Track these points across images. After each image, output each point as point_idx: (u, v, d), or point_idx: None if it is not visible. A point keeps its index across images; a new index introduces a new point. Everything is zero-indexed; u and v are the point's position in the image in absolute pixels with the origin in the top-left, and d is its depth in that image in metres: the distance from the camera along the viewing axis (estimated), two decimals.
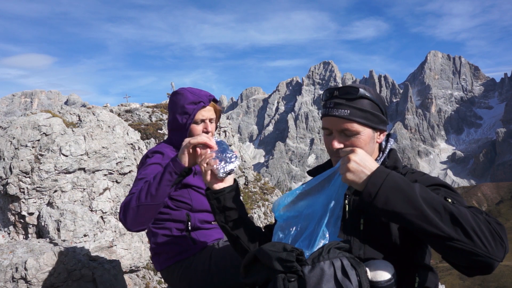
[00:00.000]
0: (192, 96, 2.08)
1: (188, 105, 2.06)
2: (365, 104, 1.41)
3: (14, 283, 2.67)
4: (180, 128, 2.10)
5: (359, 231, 1.34)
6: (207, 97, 2.12)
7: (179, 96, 2.12)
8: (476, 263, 1.07)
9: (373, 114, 1.42)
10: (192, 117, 2.07)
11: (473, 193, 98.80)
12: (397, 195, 1.12)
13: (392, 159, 1.51)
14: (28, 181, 3.92)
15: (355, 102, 1.40)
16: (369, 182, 1.15)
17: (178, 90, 2.16)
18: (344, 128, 1.40)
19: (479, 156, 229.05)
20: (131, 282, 4.43)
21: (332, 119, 1.41)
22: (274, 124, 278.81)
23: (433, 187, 1.34)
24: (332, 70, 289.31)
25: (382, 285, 1.14)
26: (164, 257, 2.07)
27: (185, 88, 2.16)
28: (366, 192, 1.15)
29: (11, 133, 4.07)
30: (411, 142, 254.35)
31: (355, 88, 1.41)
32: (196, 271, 2.00)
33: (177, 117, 2.09)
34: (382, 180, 1.14)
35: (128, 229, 1.70)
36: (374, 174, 1.16)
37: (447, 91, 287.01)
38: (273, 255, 1.15)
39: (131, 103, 14.02)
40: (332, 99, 1.43)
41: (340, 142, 1.41)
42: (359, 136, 1.40)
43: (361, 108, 1.40)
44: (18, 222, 4.00)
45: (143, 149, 5.75)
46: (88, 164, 4.36)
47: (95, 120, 4.86)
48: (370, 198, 1.14)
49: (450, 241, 1.07)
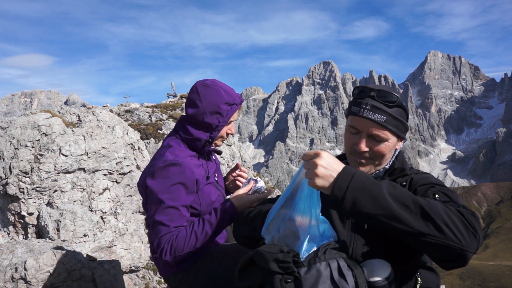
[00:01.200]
0: (227, 96, 1.92)
1: (223, 106, 1.90)
2: (399, 112, 1.40)
3: (13, 283, 2.67)
4: (207, 127, 1.93)
5: (363, 229, 1.34)
6: (239, 99, 1.99)
7: (211, 91, 1.91)
8: (450, 256, 1.07)
9: (403, 123, 1.42)
10: (226, 119, 1.94)
11: (473, 193, 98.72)
12: (364, 196, 1.10)
13: (400, 160, 1.51)
14: (28, 181, 3.92)
15: (393, 110, 1.38)
16: (335, 186, 1.13)
17: (210, 84, 1.94)
18: (375, 134, 1.37)
19: (479, 156, 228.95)
20: (131, 282, 4.44)
21: (365, 121, 1.38)
22: (274, 124, 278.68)
23: (426, 185, 1.34)
24: (332, 70, 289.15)
25: (379, 284, 1.14)
26: (162, 264, 1.98)
27: (218, 83, 1.96)
28: (333, 196, 1.13)
29: (10, 133, 4.07)
30: (411, 142, 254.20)
31: (395, 95, 1.38)
32: (196, 278, 1.94)
33: (207, 115, 1.90)
34: (347, 183, 1.12)
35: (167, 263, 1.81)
36: (339, 177, 1.13)
37: (447, 91, 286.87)
38: (269, 257, 1.15)
39: (131, 103, 14.03)
40: (368, 100, 1.38)
41: (367, 145, 1.39)
42: (386, 143, 1.39)
43: (396, 116, 1.38)
44: (17, 222, 4.00)
45: (143, 149, 5.75)
46: (88, 164, 4.36)
47: (95, 120, 4.86)
48: (337, 202, 1.13)
49: (422, 237, 1.06)
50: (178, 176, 1.79)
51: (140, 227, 4.84)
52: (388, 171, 1.49)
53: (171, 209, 1.77)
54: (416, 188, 1.37)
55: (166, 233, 1.75)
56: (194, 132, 1.93)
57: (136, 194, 5.13)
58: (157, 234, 1.77)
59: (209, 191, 2.00)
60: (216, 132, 1.95)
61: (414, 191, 1.36)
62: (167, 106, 12.33)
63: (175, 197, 1.78)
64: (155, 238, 1.78)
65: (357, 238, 1.33)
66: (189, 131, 1.94)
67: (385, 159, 1.45)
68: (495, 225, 79.22)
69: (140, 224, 4.94)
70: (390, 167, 1.49)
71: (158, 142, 9.82)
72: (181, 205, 1.80)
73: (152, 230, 1.81)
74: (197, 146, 1.96)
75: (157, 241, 1.77)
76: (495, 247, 60.82)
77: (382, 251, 1.28)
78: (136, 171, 5.14)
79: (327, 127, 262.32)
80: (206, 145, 1.97)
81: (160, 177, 1.79)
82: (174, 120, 10.90)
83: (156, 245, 1.77)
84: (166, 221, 1.75)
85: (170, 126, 10.48)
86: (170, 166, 1.80)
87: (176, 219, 1.78)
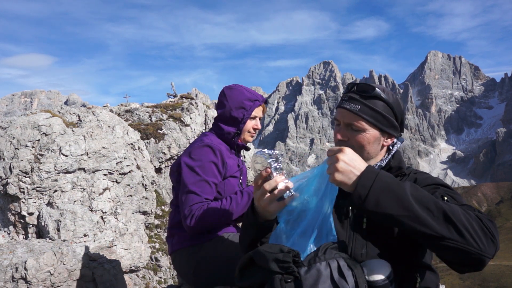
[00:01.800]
0: (249, 94, 2.26)
1: (246, 101, 2.22)
2: (378, 104, 1.41)
3: (14, 283, 2.68)
4: (234, 121, 2.24)
5: (362, 229, 1.33)
6: (261, 97, 2.31)
7: (235, 91, 2.26)
8: (468, 261, 1.07)
9: (384, 116, 1.42)
10: (249, 113, 2.24)
11: (473, 193, 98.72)
12: (388, 196, 1.09)
13: (396, 159, 1.50)
14: (28, 181, 3.93)
15: (369, 101, 1.41)
16: (359, 184, 1.12)
17: (233, 86, 2.30)
18: (350, 123, 1.41)
19: (479, 156, 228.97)
20: (131, 282, 4.44)
21: (342, 112, 1.43)
22: (274, 124, 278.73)
23: (432, 186, 1.34)
24: (332, 70, 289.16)
25: (379, 284, 1.14)
26: (177, 240, 2.18)
27: (240, 85, 2.31)
28: (356, 194, 1.12)
29: (11, 133, 4.07)
30: (411, 142, 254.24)
31: (372, 87, 1.42)
32: (203, 259, 2.08)
33: (233, 110, 2.22)
34: (371, 181, 1.11)
35: (190, 230, 1.99)
36: (363, 175, 1.13)
37: (447, 91, 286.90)
38: (269, 256, 1.14)
39: (131, 103, 14.02)
40: (349, 93, 1.45)
41: (344, 135, 1.43)
42: (364, 134, 1.41)
43: (372, 107, 1.40)
44: (18, 222, 4.00)
45: (143, 149, 5.75)
46: (88, 164, 4.36)
47: (95, 120, 4.86)
48: (360, 200, 1.12)
49: (443, 241, 1.06)
50: (212, 156, 2.10)
51: (140, 227, 4.84)
52: (383, 169, 1.47)
53: (203, 183, 2.05)
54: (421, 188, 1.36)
55: (197, 201, 2.01)
56: (224, 127, 2.26)
57: (136, 194, 5.13)
58: (188, 202, 2.01)
59: (234, 183, 2.25)
60: (243, 125, 2.25)
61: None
62: (167, 106, 12.33)
63: (208, 173, 2.07)
64: (186, 206, 2.02)
65: (356, 238, 1.33)
66: (220, 127, 2.27)
67: (367, 152, 1.43)
68: None
69: (140, 224, 4.94)
70: (386, 165, 1.48)
71: (158, 142, 9.82)
72: (212, 181, 2.08)
73: (184, 200, 2.04)
74: (228, 139, 2.27)
75: (187, 209, 2.00)
76: None
77: (382, 251, 1.28)
78: (136, 171, 5.14)
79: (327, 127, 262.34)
80: (235, 136, 2.28)
81: (196, 155, 2.10)
82: (174, 120, 10.90)
83: (186, 212, 2.00)
84: (199, 192, 2.03)
85: (170, 126, 10.48)
86: (205, 146, 2.12)
87: (207, 192, 2.06)
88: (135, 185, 5.10)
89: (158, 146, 9.76)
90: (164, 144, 9.87)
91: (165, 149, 9.83)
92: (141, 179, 5.24)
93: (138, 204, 5.17)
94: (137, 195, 5.15)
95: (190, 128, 10.73)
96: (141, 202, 5.26)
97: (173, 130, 10.36)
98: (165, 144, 9.87)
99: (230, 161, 2.23)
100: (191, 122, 10.89)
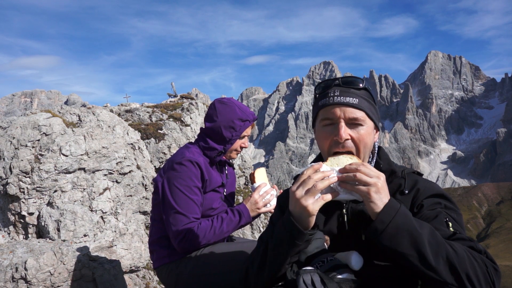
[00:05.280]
0: (241, 113, 2.15)
1: (237, 121, 2.13)
2: (368, 96, 1.37)
3: (14, 283, 2.68)
4: (222, 140, 2.16)
5: (361, 241, 1.31)
6: (252, 116, 2.22)
7: (226, 108, 2.15)
8: None
9: (374, 107, 1.37)
10: (238, 134, 2.16)
11: (473, 193, 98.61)
12: (404, 235, 1.10)
13: (385, 161, 1.42)
14: (28, 181, 3.93)
15: (361, 92, 1.34)
16: (378, 218, 1.11)
17: (226, 101, 2.20)
18: (353, 117, 1.29)
19: (480, 156, 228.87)
20: (131, 282, 4.43)
21: (339, 107, 1.29)
22: (274, 124, 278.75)
23: (432, 199, 1.31)
24: (332, 70, 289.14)
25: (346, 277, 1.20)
26: (156, 256, 2.17)
27: (233, 101, 2.21)
28: (373, 227, 1.12)
29: (11, 133, 4.07)
30: (412, 142, 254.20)
31: (360, 79, 1.36)
32: (181, 275, 2.06)
33: (222, 128, 2.13)
34: (390, 218, 1.10)
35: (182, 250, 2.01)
36: (383, 211, 1.11)
37: (448, 91, 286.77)
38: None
39: (131, 103, 14.03)
40: (335, 88, 1.33)
41: (347, 132, 1.30)
42: (364, 128, 1.32)
43: (367, 99, 1.34)
44: (18, 222, 4.00)
45: (143, 149, 5.75)
46: (88, 164, 4.36)
47: (95, 120, 4.86)
48: (376, 234, 1.12)
49: (444, 285, 1.10)
50: (194, 172, 2.04)
51: (140, 227, 4.84)
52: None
53: (190, 202, 1.99)
54: (423, 201, 1.31)
55: (186, 223, 1.97)
56: (210, 142, 2.17)
57: (136, 194, 5.13)
58: (177, 224, 1.97)
59: (214, 198, 2.18)
60: (229, 145, 2.18)
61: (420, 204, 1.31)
62: (167, 106, 12.33)
63: (192, 191, 2.01)
64: (174, 228, 1.97)
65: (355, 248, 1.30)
66: (206, 141, 2.19)
67: (368, 149, 1.35)
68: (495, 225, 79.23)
69: (140, 224, 4.94)
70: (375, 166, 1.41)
71: (158, 142, 9.83)
72: (197, 199, 2.03)
73: (172, 221, 1.99)
74: (211, 155, 2.18)
75: (176, 231, 1.96)
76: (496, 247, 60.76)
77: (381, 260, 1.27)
78: (136, 171, 5.14)
79: None
80: (219, 155, 2.20)
81: (179, 172, 2.03)
82: (175, 120, 10.90)
83: (175, 233, 1.96)
84: (186, 212, 1.97)
85: (171, 126, 10.48)
86: (187, 161, 2.05)
87: (194, 211, 2.01)
88: (135, 185, 5.10)
89: (158, 146, 9.77)
90: (164, 144, 9.87)
91: (165, 149, 9.83)
92: (141, 179, 5.24)
93: (138, 204, 5.17)
94: (137, 195, 5.15)
95: (190, 128, 10.74)
96: (141, 202, 5.27)
97: (173, 130, 10.36)
98: (165, 144, 9.87)
99: (212, 176, 2.16)
100: (191, 122, 10.90)
